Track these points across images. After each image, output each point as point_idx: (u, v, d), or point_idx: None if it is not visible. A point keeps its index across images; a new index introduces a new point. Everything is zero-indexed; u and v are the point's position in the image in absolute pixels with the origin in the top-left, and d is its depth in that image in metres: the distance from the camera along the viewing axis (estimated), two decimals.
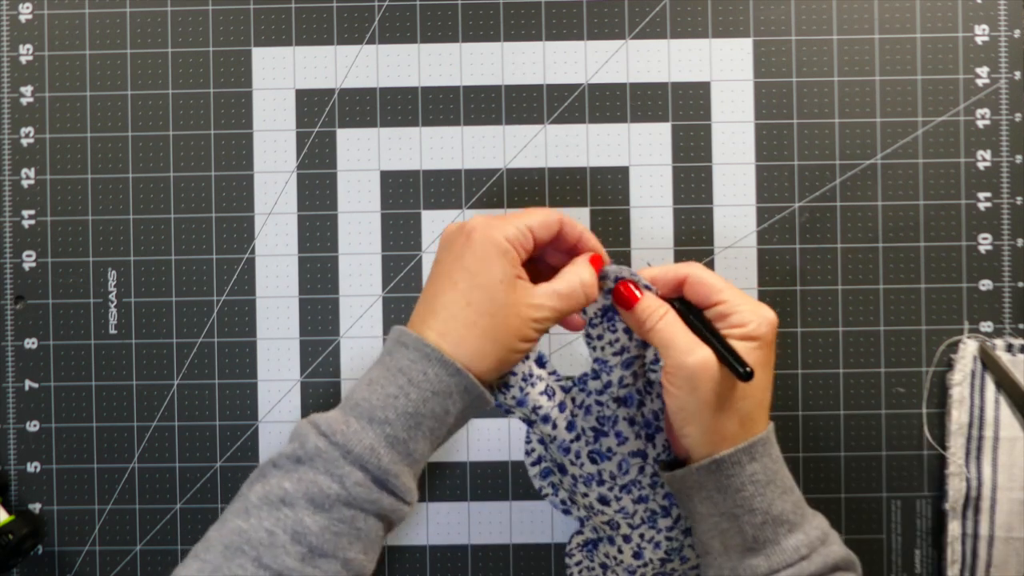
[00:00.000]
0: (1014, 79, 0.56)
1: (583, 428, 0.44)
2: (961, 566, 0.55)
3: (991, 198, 0.56)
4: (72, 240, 0.57)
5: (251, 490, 0.38)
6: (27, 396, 0.57)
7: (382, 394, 0.39)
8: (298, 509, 0.37)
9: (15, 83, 0.57)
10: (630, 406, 0.44)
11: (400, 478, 0.39)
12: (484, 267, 0.40)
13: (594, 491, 0.45)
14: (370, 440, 0.38)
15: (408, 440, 0.39)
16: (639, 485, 0.44)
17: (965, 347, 0.55)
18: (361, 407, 0.39)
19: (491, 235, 0.41)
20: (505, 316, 0.40)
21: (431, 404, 0.39)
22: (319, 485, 0.37)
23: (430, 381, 0.39)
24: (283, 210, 0.57)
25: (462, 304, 0.40)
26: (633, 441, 0.44)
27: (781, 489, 0.41)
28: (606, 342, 0.44)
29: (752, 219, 0.57)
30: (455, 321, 0.40)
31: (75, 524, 0.57)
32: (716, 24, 0.57)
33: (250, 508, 0.38)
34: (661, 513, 0.45)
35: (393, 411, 0.39)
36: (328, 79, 0.57)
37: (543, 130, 0.57)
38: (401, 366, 0.40)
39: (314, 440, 0.38)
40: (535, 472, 0.48)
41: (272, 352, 0.57)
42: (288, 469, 0.38)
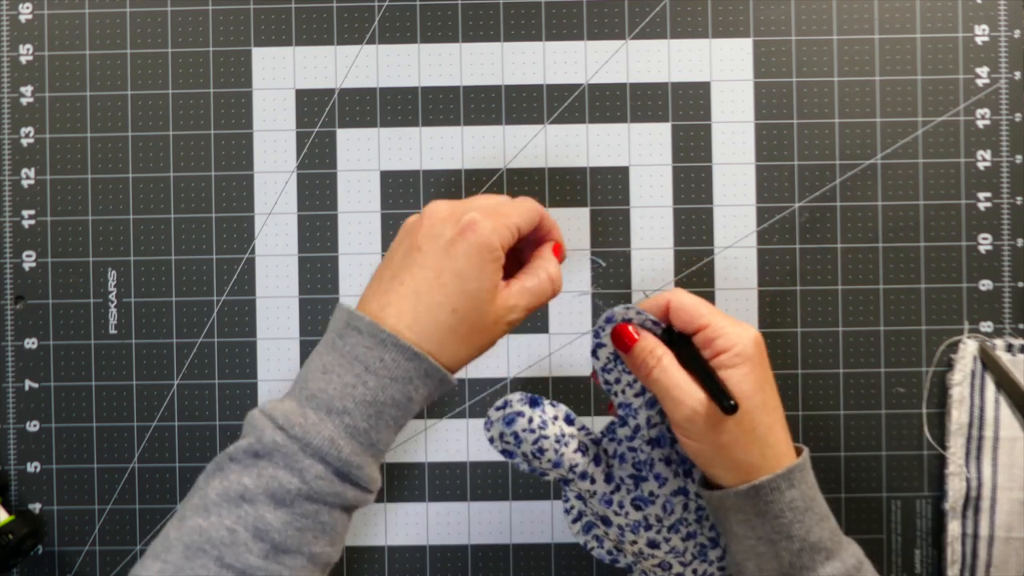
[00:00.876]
0: (1014, 79, 0.56)
1: (622, 477, 0.44)
2: (961, 566, 0.55)
3: (991, 198, 0.56)
4: (72, 240, 0.57)
5: (209, 485, 0.37)
6: (27, 396, 0.57)
7: (339, 383, 0.37)
8: (259, 505, 0.36)
9: (15, 83, 0.57)
10: (663, 445, 0.44)
11: (363, 469, 0.37)
12: (475, 272, 0.39)
13: (642, 537, 0.45)
14: (329, 432, 0.37)
15: (369, 430, 0.37)
16: (686, 522, 0.45)
17: (965, 347, 0.55)
18: (318, 398, 0.37)
19: (488, 240, 0.39)
20: (484, 323, 0.40)
21: (391, 391, 0.38)
22: (279, 480, 0.36)
23: (388, 368, 0.37)
24: (283, 210, 0.57)
25: (448, 310, 0.39)
26: (673, 480, 0.44)
27: (819, 516, 0.41)
28: (624, 384, 0.44)
29: (752, 219, 0.57)
30: (438, 326, 0.39)
31: (75, 524, 0.57)
32: (716, 24, 0.57)
33: (209, 505, 0.36)
34: (711, 545, 0.45)
35: (351, 400, 0.37)
36: (328, 79, 0.57)
37: (543, 130, 0.57)
38: (356, 353, 0.38)
39: (271, 433, 0.37)
40: (577, 529, 0.47)
41: (272, 352, 0.57)
42: (246, 464, 0.37)
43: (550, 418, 0.44)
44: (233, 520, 0.36)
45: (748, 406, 0.40)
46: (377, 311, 0.39)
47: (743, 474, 0.41)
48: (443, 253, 0.39)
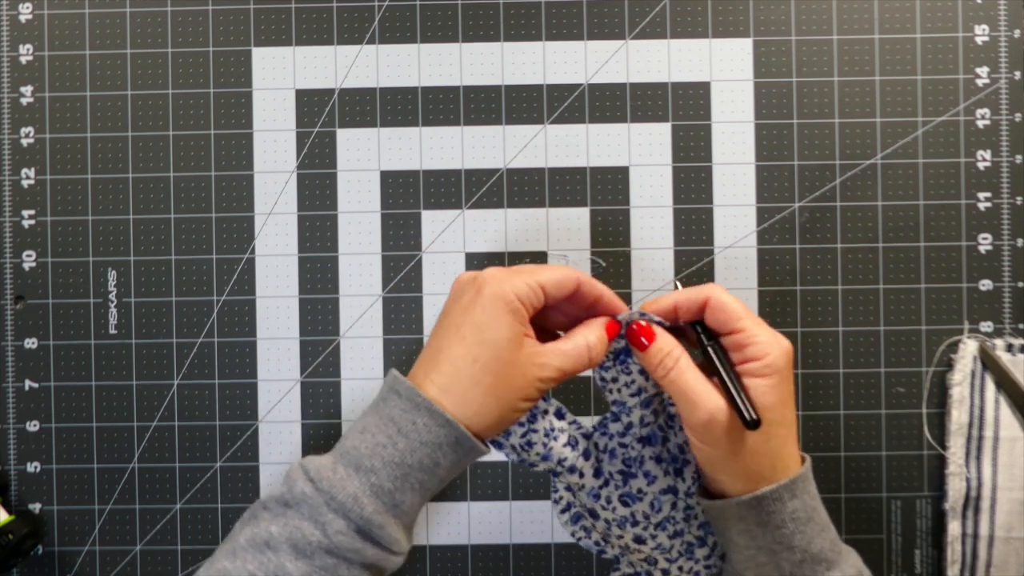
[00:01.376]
0: (1014, 79, 0.56)
1: (611, 473, 0.44)
2: (961, 566, 0.55)
3: (991, 198, 0.56)
4: (72, 240, 0.57)
5: (241, 531, 0.39)
6: (27, 396, 0.57)
7: (371, 442, 0.39)
8: (281, 554, 0.37)
9: (15, 83, 0.57)
10: (654, 444, 0.44)
11: (385, 528, 0.38)
12: (493, 323, 0.39)
13: (629, 532, 0.45)
14: (354, 488, 0.38)
15: (394, 491, 0.38)
16: (673, 521, 0.45)
17: (965, 347, 0.55)
18: (350, 454, 0.39)
19: (502, 290, 0.40)
20: (510, 375, 0.39)
21: (419, 455, 0.39)
22: (302, 531, 0.37)
23: (419, 431, 0.39)
24: (283, 210, 0.57)
25: (468, 360, 0.39)
26: (662, 479, 0.44)
27: (820, 527, 0.41)
28: (622, 384, 0.43)
29: (752, 219, 0.57)
30: (459, 377, 0.39)
31: (75, 524, 0.57)
32: (716, 24, 0.57)
33: (237, 549, 0.38)
34: (698, 544, 0.45)
35: (380, 460, 0.38)
36: (328, 79, 0.57)
37: (543, 130, 0.57)
38: (392, 415, 0.39)
39: (301, 485, 0.38)
40: (565, 519, 0.47)
41: (272, 352, 0.57)
42: (276, 512, 0.38)
43: (540, 412, 0.44)
44: (256, 566, 0.37)
45: (768, 419, 0.40)
46: (418, 376, 0.41)
47: (750, 483, 0.41)
48: (462, 311, 0.40)
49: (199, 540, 0.57)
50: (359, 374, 0.57)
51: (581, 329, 0.42)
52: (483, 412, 0.40)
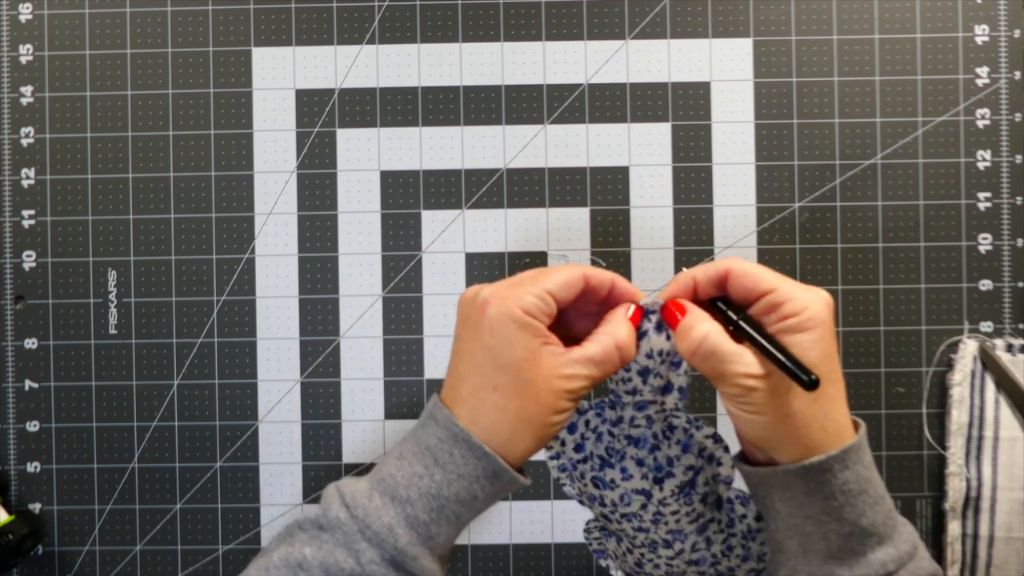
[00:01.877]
0: (1014, 79, 0.56)
1: (592, 452, 0.43)
2: (961, 566, 0.55)
3: (991, 198, 0.56)
4: (72, 240, 0.57)
5: (276, 550, 0.38)
6: (27, 396, 0.57)
7: (408, 472, 0.38)
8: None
9: (15, 83, 0.57)
10: (641, 447, 0.42)
11: (418, 560, 0.37)
12: (504, 345, 0.37)
13: (596, 509, 0.44)
14: (389, 519, 0.37)
15: (430, 523, 0.37)
16: (639, 518, 0.43)
17: (965, 347, 0.55)
18: (386, 482, 0.38)
19: (507, 308, 0.37)
20: (535, 394, 0.37)
21: (455, 487, 0.37)
22: (335, 557, 0.37)
23: (456, 463, 0.37)
24: (283, 210, 0.57)
25: (489, 389, 0.38)
26: (638, 480, 0.43)
27: (873, 499, 0.38)
28: (619, 378, 0.42)
29: (752, 219, 0.57)
30: (484, 407, 0.38)
31: (75, 524, 0.57)
32: (716, 24, 0.57)
33: (270, 567, 0.37)
34: (663, 544, 0.44)
35: (416, 491, 0.37)
36: (328, 79, 0.57)
37: (543, 130, 0.57)
38: (429, 444, 0.38)
39: (336, 510, 0.38)
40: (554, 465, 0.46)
41: (272, 352, 0.57)
42: (312, 535, 0.38)
43: None
44: None
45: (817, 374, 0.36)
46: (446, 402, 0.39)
47: (802, 450, 0.38)
48: (472, 335, 0.38)
49: (199, 540, 0.57)
50: (359, 374, 0.57)
51: (605, 327, 0.39)
52: (515, 439, 0.38)
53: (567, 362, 0.38)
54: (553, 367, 0.38)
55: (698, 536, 0.44)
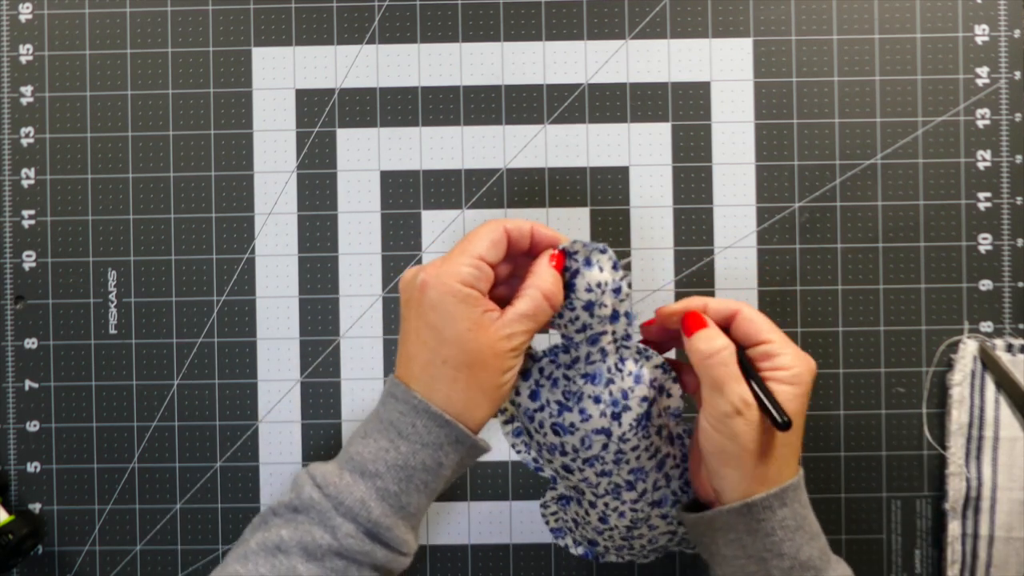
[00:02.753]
0: (1014, 79, 0.56)
1: (548, 399, 0.44)
2: (961, 566, 0.55)
3: (991, 198, 0.56)
4: (72, 240, 0.57)
5: (252, 537, 0.40)
6: (27, 396, 0.57)
7: (374, 447, 0.40)
8: (292, 557, 0.38)
9: (15, 83, 0.57)
10: (597, 383, 0.43)
11: (393, 530, 0.39)
12: (447, 320, 0.39)
13: (557, 460, 0.45)
14: (361, 493, 0.39)
15: (400, 493, 0.39)
16: (602, 460, 0.44)
17: (965, 347, 0.55)
18: (354, 460, 0.40)
19: (444, 284, 0.39)
20: (483, 360, 0.40)
21: (421, 456, 0.39)
22: (312, 535, 0.38)
23: (419, 433, 0.39)
24: (283, 210, 0.57)
25: (438, 363, 0.40)
26: (597, 419, 0.43)
27: (809, 535, 0.41)
28: (566, 320, 0.42)
29: (752, 219, 0.57)
30: (436, 380, 0.40)
31: (75, 524, 0.57)
32: (716, 24, 0.57)
33: (248, 554, 0.39)
34: (626, 487, 0.45)
35: (383, 464, 0.39)
36: (328, 79, 0.57)
37: (543, 130, 0.57)
38: (392, 419, 0.40)
39: (309, 491, 0.39)
40: (508, 430, 0.47)
41: (272, 352, 0.57)
42: (286, 518, 0.39)
43: None
44: (268, 569, 0.38)
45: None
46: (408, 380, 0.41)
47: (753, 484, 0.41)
48: (415, 315, 0.40)
49: (199, 540, 0.57)
50: (359, 374, 0.57)
51: (531, 279, 0.41)
52: (471, 405, 0.40)
53: (504, 323, 0.40)
54: (493, 331, 0.40)
55: (658, 473, 0.45)
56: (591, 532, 0.47)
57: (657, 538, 0.47)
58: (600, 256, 0.42)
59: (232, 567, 0.39)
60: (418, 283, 0.40)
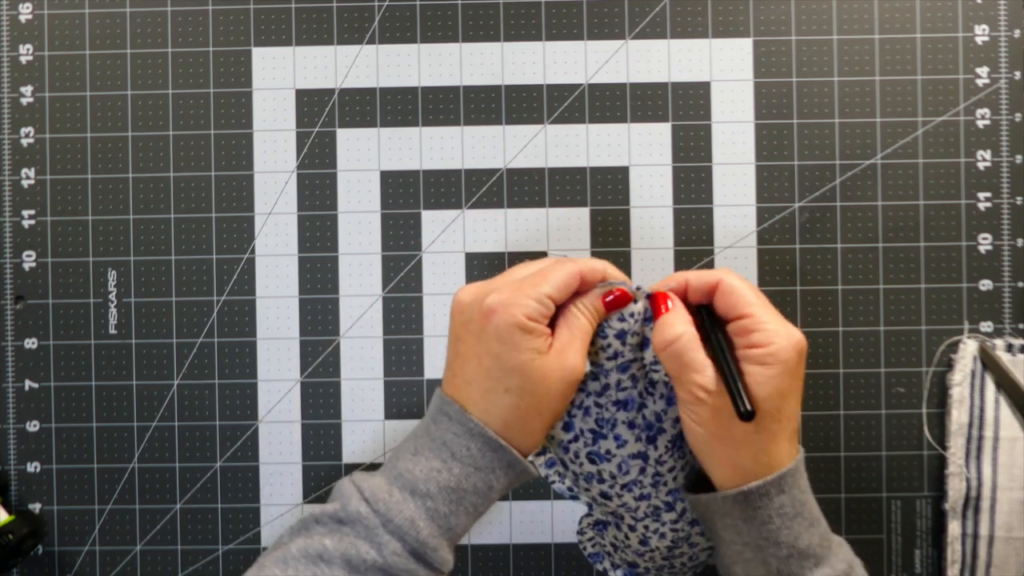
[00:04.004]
0: (1014, 79, 0.56)
1: (581, 429, 0.44)
2: (961, 566, 0.55)
3: (991, 198, 0.56)
4: (72, 240, 0.57)
5: (292, 542, 0.39)
6: (27, 396, 0.57)
7: (426, 467, 0.39)
8: (334, 568, 0.38)
9: (15, 83, 0.57)
10: (630, 410, 0.43)
11: (439, 551, 0.39)
12: (511, 350, 0.39)
13: (595, 488, 0.45)
14: (411, 512, 0.39)
15: (449, 515, 0.39)
16: (640, 484, 0.44)
17: (965, 347, 0.55)
18: (404, 478, 0.40)
19: (512, 317, 0.39)
20: (546, 388, 0.39)
21: (473, 479, 0.39)
22: (358, 549, 0.38)
23: (473, 457, 0.39)
24: (283, 210, 0.57)
25: (500, 391, 0.39)
26: (633, 444, 0.43)
27: (808, 521, 0.40)
28: (598, 348, 0.43)
29: (752, 219, 0.57)
30: (496, 407, 0.39)
31: (75, 524, 0.57)
32: (716, 24, 0.57)
33: (288, 559, 0.39)
34: (665, 508, 0.45)
35: (435, 485, 0.39)
36: (328, 79, 0.57)
37: (543, 130, 0.57)
38: (445, 439, 0.40)
39: (356, 504, 0.39)
40: (540, 462, 0.48)
41: (272, 352, 0.57)
42: (330, 528, 0.39)
43: None
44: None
45: (760, 409, 0.38)
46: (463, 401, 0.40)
47: (735, 474, 0.40)
48: (476, 340, 0.40)
49: (199, 540, 0.57)
50: (359, 374, 0.57)
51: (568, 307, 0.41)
52: (527, 432, 0.40)
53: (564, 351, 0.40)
54: (557, 360, 0.40)
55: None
56: (631, 555, 0.47)
57: (698, 555, 0.47)
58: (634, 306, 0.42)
59: (271, 570, 0.38)
60: (484, 308, 0.40)
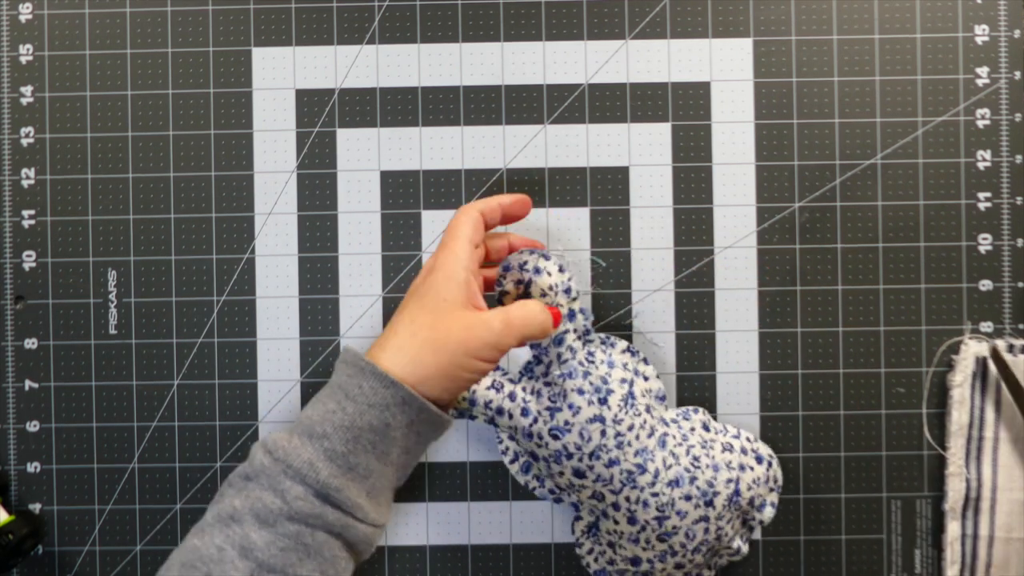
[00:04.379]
0: (1014, 79, 0.56)
1: (538, 411, 0.46)
2: (961, 566, 0.55)
3: (991, 198, 0.56)
4: (72, 240, 0.57)
5: (209, 510, 0.40)
6: (27, 396, 0.57)
7: (322, 410, 0.40)
8: (245, 525, 0.38)
9: (15, 83, 0.57)
10: (575, 378, 0.46)
11: (343, 492, 0.39)
12: (433, 295, 0.41)
13: (567, 467, 0.46)
14: (308, 455, 0.39)
15: (348, 453, 0.39)
16: (606, 449, 0.46)
17: (967, 348, 0.55)
18: (303, 423, 0.40)
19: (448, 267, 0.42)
20: (448, 329, 0.40)
21: (367, 417, 0.39)
22: (263, 501, 0.38)
23: (365, 394, 0.39)
24: (283, 210, 0.57)
25: (406, 322, 0.41)
26: (587, 408, 0.45)
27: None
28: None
29: (752, 219, 0.57)
30: (395, 335, 0.41)
31: (75, 524, 0.57)
32: (716, 24, 0.57)
33: (205, 526, 0.39)
34: (638, 471, 0.46)
35: (331, 425, 0.39)
36: (328, 79, 0.57)
37: (543, 130, 0.57)
38: (340, 382, 0.40)
39: (260, 457, 0.39)
40: (516, 469, 0.50)
41: (272, 352, 0.57)
42: (239, 487, 0.39)
43: None
44: (222, 539, 0.38)
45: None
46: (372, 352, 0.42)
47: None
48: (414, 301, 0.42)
49: None
50: None
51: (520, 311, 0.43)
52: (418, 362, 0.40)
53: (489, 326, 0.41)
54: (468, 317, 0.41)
55: (663, 451, 0.47)
56: (628, 545, 0.48)
57: (694, 531, 0.47)
58: (545, 263, 0.45)
59: (190, 541, 0.39)
60: (423, 270, 0.43)
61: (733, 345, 0.56)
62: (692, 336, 0.56)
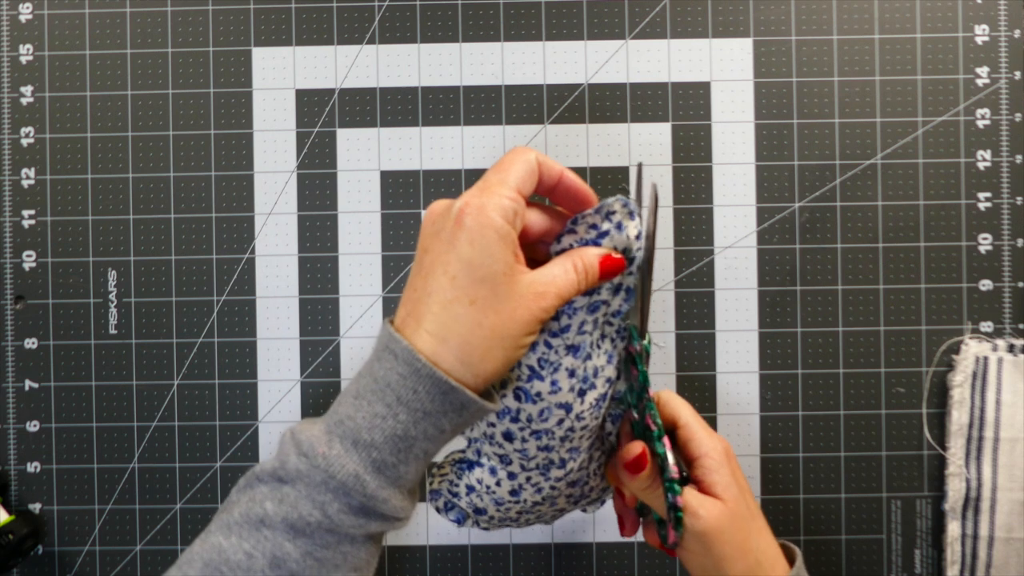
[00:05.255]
0: (1014, 79, 0.56)
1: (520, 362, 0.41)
2: (961, 566, 0.55)
3: (991, 198, 0.56)
4: (72, 240, 0.57)
5: (237, 502, 0.36)
6: (27, 396, 0.57)
7: (368, 413, 0.35)
8: (278, 533, 0.35)
9: (15, 83, 0.57)
10: (577, 357, 0.41)
11: (389, 502, 0.36)
12: (484, 257, 0.35)
13: (503, 424, 0.42)
14: (354, 466, 0.35)
15: (398, 464, 0.35)
16: (550, 435, 0.42)
17: (966, 348, 0.55)
18: (345, 426, 0.35)
19: (487, 217, 0.35)
20: (513, 310, 0.35)
21: (423, 425, 0.35)
22: (299, 511, 0.35)
23: (421, 401, 0.35)
24: (283, 210, 0.57)
25: (465, 304, 0.35)
26: (565, 393, 0.41)
27: None
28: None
29: (752, 219, 0.57)
30: (457, 323, 0.35)
31: (75, 524, 0.57)
32: (716, 24, 0.57)
33: (232, 525, 0.36)
34: (558, 464, 0.43)
35: (380, 433, 0.35)
36: (328, 79, 0.57)
37: (543, 130, 0.57)
38: (390, 381, 0.35)
39: (295, 460, 0.35)
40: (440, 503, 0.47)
41: (272, 352, 0.57)
42: (272, 488, 0.36)
43: None
44: (252, 544, 0.35)
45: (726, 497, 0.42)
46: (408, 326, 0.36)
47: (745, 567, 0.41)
48: (446, 247, 0.36)
49: None
50: None
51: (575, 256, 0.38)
52: (488, 358, 0.35)
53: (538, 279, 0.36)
54: (526, 284, 0.36)
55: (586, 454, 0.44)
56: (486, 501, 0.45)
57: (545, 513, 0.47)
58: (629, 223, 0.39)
59: (215, 538, 0.35)
60: (455, 212, 0.35)
61: (733, 345, 0.56)
62: (692, 336, 0.56)
